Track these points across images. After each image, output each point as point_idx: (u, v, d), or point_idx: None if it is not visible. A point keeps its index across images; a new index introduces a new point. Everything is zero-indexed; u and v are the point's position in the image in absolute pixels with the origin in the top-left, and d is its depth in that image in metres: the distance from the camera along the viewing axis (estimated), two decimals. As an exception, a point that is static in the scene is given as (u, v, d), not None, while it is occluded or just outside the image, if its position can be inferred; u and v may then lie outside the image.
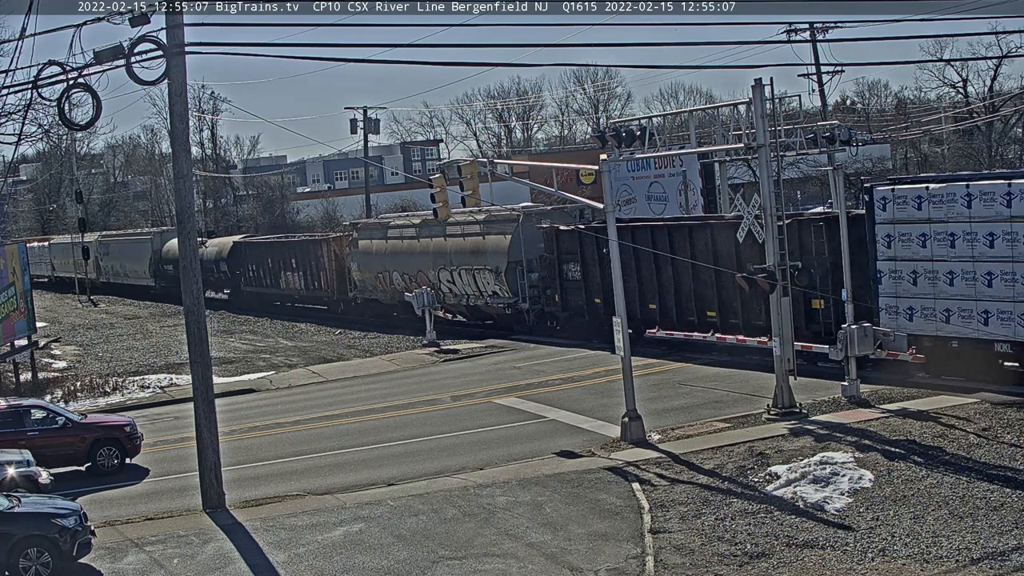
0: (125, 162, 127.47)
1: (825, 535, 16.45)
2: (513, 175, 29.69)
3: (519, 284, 38.92)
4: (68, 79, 19.54)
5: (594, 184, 58.84)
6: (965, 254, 23.81)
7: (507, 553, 16.88)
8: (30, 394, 34.21)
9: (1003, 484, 17.51)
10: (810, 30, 59.37)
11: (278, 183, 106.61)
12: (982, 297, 23.52)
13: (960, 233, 23.87)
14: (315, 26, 57.57)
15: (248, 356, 42.44)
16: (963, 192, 23.78)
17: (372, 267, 47.20)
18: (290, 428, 28.19)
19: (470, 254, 40.96)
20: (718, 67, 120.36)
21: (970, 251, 23.68)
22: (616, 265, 24.11)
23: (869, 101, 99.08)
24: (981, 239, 23.37)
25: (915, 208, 24.73)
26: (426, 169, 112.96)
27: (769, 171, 23.50)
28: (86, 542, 17.62)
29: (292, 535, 18.55)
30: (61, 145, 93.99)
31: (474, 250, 40.75)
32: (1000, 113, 67.03)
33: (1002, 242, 23.07)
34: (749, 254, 28.15)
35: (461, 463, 22.60)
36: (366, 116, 72.76)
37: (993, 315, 23.39)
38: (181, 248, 21.18)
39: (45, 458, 22.88)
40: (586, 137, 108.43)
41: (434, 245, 43.01)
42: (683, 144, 37.84)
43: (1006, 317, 23.22)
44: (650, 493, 19.37)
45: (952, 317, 24.13)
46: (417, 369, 36.29)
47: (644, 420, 23.20)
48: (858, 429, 21.55)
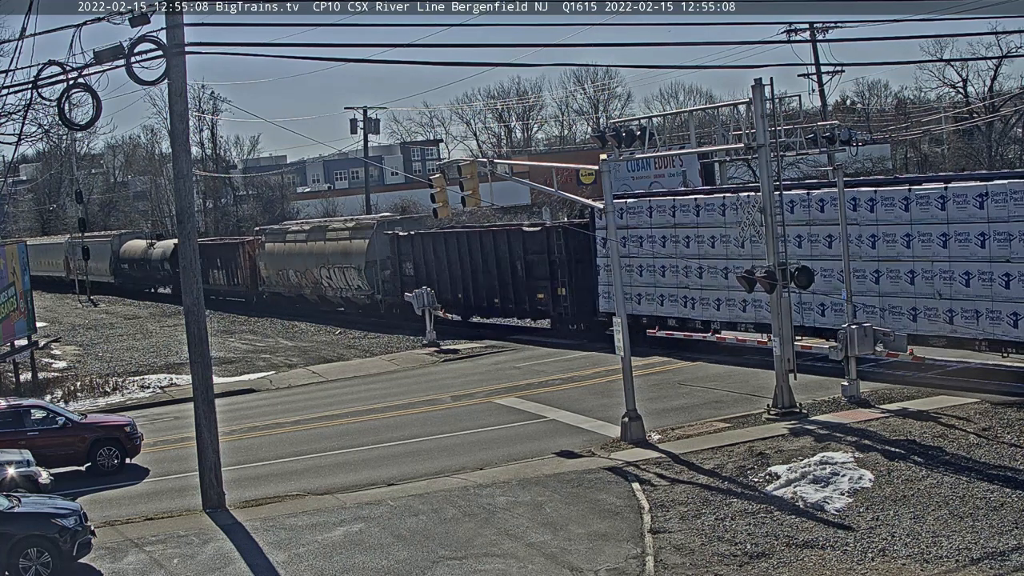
0: (125, 162, 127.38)
1: (825, 535, 16.45)
2: (513, 175, 29.71)
3: (376, 279, 46.49)
4: (68, 79, 19.54)
5: (594, 184, 58.87)
6: (647, 252, 33.26)
7: (507, 553, 16.88)
8: (30, 394, 34.23)
9: (1003, 484, 17.51)
10: (810, 30, 59.39)
11: (278, 183, 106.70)
12: (659, 285, 33.00)
13: (646, 236, 33.27)
14: (315, 26, 57.67)
15: (248, 356, 42.44)
16: (646, 206, 33.21)
17: (274, 265, 55.08)
18: (290, 428, 28.19)
19: (341, 255, 48.56)
20: (718, 67, 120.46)
21: (652, 249, 33.13)
22: (616, 265, 24.11)
23: (869, 101, 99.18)
24: (657, 240, 32.89)
25: (617, 217, 31.27)
26: (426, 169, 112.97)
27: (769, 171, 23.50)
28: (86, 542, 17.62)
29: (292, 535, 18.56)
30: (61, 145, 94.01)
31: (343, 252, 48.44)
32: (1000, 113, 67.02)
33: (670, 242, 32.39)
34: (527, 254, 38.51)
35: (461, 463, 22.60)
36: (366, 116, 72.82)
37: (666, 299, 32.99)
38: (181, 248, 21.18)
39: (45, 458, 22.87)
40: (586, 137, 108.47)
41: (317, 247, 50.43)
42: (683, 144, 37.82)
43: (674, 299, 32.68)
44: (650, 493, 19.37)
45: (642, 300, 33.65)
46: (417, 369, 36.30)
47: (644, 420, 23.20)
48: (858, 429, 21.55)
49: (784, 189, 25.60)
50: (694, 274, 31.71)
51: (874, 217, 26.27)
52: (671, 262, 32.45)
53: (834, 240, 26.91)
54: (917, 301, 25.57)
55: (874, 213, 26.26)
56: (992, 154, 66.50)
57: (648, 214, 32.95)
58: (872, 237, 26.41)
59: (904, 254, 25.74)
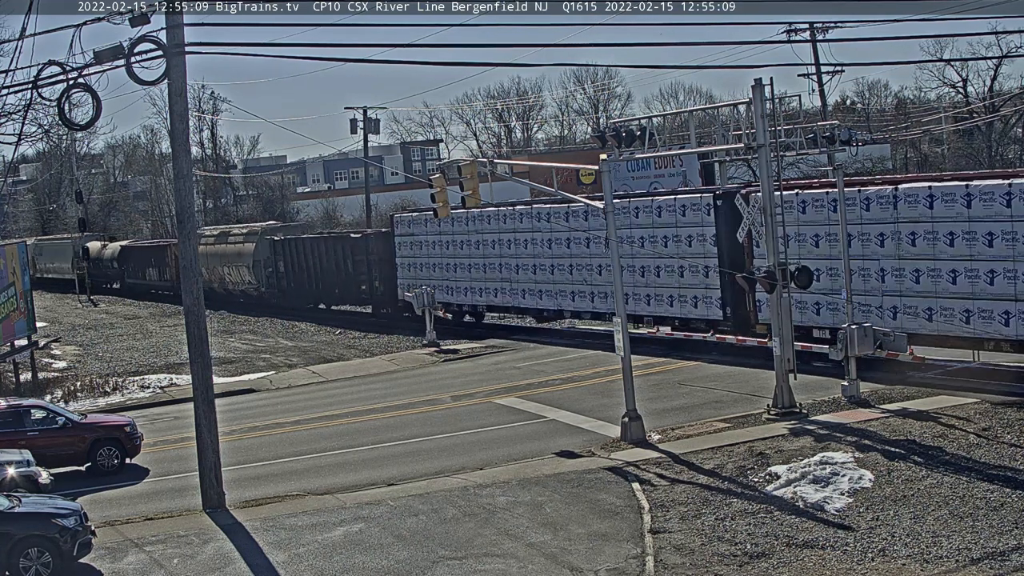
0: (125, 162, 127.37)
1: (825, 535, 16.45)
2: (513, 175, 29.69)
3: (262, 275, 56.71)
4: (68, 79, 19.53)
5: (594, 184, 58.85)
6: (435, 252, 43.84)
7: (507, 553, 16.88)
8: (30, 394, 34.22)
9: (1003, 484, 17.51)
10: (810, 30, 59.33)
11: (278, 183, 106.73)
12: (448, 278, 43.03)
13: (432, 241, 43.81)
14: (315, 26, 57.69)
15: (248, 356, 42.44)
16: (424, 218, 44.11)
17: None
18: (290, 428, 28.19)
19: (236, 255, 58.92)
20: (718, 67, 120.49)
21: (440, 251, 43.52)
22: (616, 264, 24.11)
23: (869, 101, 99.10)
24: (449, 246, 42.80)
25: (407, 227, 45.84)
26: (426, 169, 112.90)
27: (769, 171, 23.50)
28: (86, 542, 17.62)
29: (292, 535, 18.56)
30: (61, 145, 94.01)
31: (238, 253, 58.85)
32: (1000, 113, 67.02)
33: (447, 247, 43.02)
34: (355, 255, 48.99)
35: (461, 463, 22.60)
36: (366, 116, 72.78)
37: (442, 288, 42.84)
38: (182, 248, 21.17)
39: (45, 458, 22.87)
40: (586, 137, 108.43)
41: (222, 249, 60.44)
42: (683, 144, 37.78)
43: (445, 288, 42.89)
44: (650, 493, 19.37)
45: (437, 291, 42.33)
46: (417, 369, 36.30)
47: (644, 420, 23.20)
48: (858, 429, 21.54)
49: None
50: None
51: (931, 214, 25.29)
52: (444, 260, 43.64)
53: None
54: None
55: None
56: (992, 154, 66.50)
57: (424, 224, 44.49)
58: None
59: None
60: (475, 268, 41.84)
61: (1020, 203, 23.31)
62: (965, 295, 24.48)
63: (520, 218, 39.23)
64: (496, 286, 40.78)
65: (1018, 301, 23.53)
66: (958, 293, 24.63)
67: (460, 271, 42.59)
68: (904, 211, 25.67)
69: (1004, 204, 23.50)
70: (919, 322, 25.48)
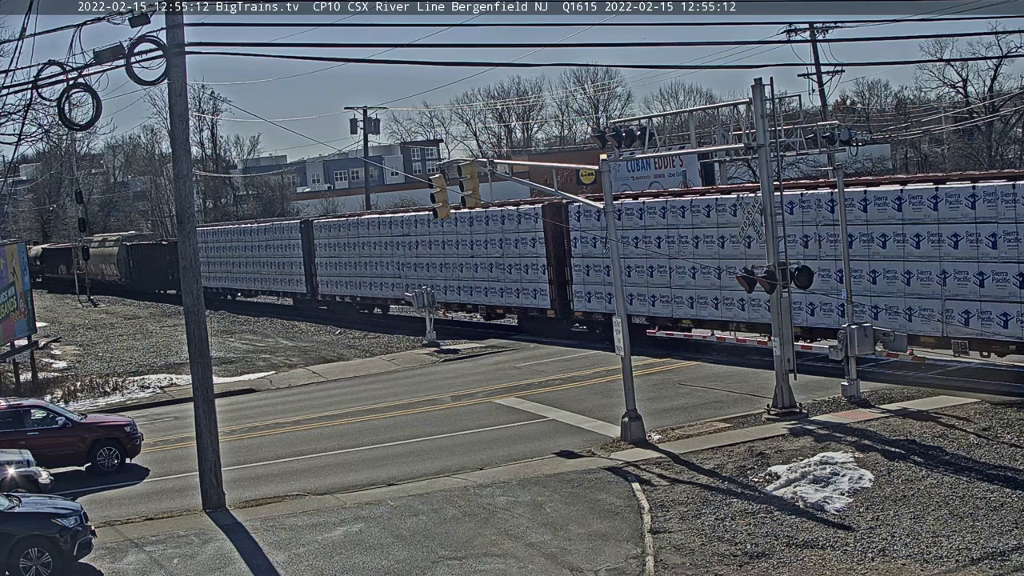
0: (125, 162, 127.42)
1: (825, 535, 16.45)
2: (513, 175, 29.69)
3: (124, 270, 74.86)
4: (68, 79, 19.53)
5: (594, 184, 58.86)
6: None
7: (507, 553, 16.88)
8: (30, 394, 34.22)
9: (1003, 484, 17.51)
10: (810, 30, 59.31)
11: (278, 183, 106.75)
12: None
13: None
14: (315, 26, 57.69)
15: (248, 356, 42.45)
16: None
17: (91, 262, 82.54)
18: (290, 428, 28.19)
19: (108, 255, 78.32)
20: (718, 67, 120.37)
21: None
22: (615, 264, 24.10)
23: (869, 101, 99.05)
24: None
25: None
26: (426, 169, 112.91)
27: (769, 171, 23.49)
28: (86, 542, 17.62)
29: (292, 535, 18.56)
30: (61, 145, 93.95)
31: (109, 254, 78.23)
32: (1000, 113, 66.98)
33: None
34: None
35: (461, 463, 22.60)
36: (366, 116, 72.84)
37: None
38: (182, 248, 21.17)
39: (45, 458, 22.87)
40: (586, 137, 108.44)
41: (104, 252, 79.11)
42: (683, 144, 37.74)
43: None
44: (650, 493, 19.37)
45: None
46: (417, 369, 36.30)
47: (644, 420, 23.20)
48: (858, 429, 21.54)
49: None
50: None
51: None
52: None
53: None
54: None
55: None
56: (992, 154, 66.46)
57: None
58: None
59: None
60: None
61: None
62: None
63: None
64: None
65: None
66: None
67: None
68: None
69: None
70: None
